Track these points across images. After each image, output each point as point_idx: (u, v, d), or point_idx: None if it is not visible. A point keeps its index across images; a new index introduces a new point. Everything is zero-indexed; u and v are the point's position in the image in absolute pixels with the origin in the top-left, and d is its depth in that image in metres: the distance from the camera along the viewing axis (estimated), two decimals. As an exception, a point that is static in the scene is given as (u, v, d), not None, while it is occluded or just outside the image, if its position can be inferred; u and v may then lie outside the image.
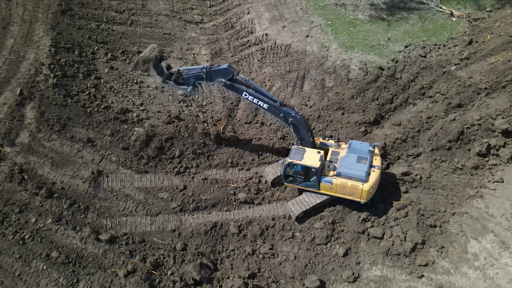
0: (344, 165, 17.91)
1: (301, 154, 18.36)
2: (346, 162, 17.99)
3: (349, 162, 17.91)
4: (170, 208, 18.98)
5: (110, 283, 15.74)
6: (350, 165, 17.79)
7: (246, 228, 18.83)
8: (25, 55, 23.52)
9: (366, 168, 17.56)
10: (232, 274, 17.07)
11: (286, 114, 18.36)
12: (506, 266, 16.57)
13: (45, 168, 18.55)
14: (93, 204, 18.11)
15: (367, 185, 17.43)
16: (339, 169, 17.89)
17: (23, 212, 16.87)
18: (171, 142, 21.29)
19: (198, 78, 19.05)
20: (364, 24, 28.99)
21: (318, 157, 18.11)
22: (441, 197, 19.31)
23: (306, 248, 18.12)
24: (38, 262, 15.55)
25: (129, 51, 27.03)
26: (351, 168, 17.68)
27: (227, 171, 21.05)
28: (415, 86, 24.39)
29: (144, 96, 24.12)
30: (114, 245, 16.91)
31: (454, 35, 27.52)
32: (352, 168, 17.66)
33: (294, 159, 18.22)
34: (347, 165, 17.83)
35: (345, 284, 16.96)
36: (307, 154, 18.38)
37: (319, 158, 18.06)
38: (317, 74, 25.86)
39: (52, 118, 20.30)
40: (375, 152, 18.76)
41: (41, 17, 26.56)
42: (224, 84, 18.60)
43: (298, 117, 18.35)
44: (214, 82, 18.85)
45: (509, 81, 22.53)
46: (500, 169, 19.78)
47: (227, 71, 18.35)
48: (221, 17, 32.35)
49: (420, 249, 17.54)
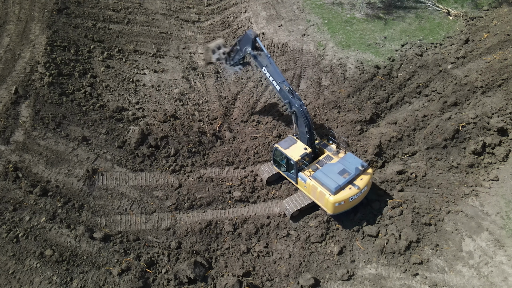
0: (325, 171, 17.91)
1: (289, 144, 18.92)
2: (328, 169, 17.98)
3: (331, 170, 17.84)
4: (165, 206, 18.97)
5: (104, 281, 15.73)
6: (329, 173, 17.69)
7: (241, 226, 18.81)
8: (21, 53, 23.49)
9: (341, 182, 17.29)
10: (226, 272, 17.05)
11: (291, 102, 18.84)
12: (500, 264, 16.57)
13: (40, 166, 18.54)
14: (88, 203, 18.10)
15: (333, 198, 17.15)
16: (316, 172, 17.95)
17: (17, 210, 16.86)
18: (167, 141, 21.27)
19: (236, 53, 21.52)
20: (361, 23, 28.98)
21: (300, 152, 18.34)
22: (436, 195, 19.31)
23: (301, 247, 18.10)
24: (32, 260, 15.53)
25: (125, 50, 27.01)
26: (327, 176, 17.60)
27: (222, 170, 21.03)
28: (411, 84, 24.38)
29: (140, 94, 24.10)
30: (109, 243, 16.89)
31: (451, 34, 27.52)
32: (329, 176, 17.55)
33: (281, 146, 18.97)
34: (327, 172, 17.79)
35: (339, 282, 16.94)
36: (295, 146, 18.78)
37: (301, 154, 18.28)
38: (313, 72, 25.85)
39: (47, 116, 20.29)
40: (366, 171, 18.09)
41: (37, 16, 26.53)
42: (251, 54, 20.06)
43: (301, 109, 18.47)
44: (244, 53, 20.58)
45: (505, 79, 22.54)
46: (495, 168, 19.77)
47: (248, 37, 19.86)
48: (218, 16, 32.32)
49: (415, 247, 17.53)
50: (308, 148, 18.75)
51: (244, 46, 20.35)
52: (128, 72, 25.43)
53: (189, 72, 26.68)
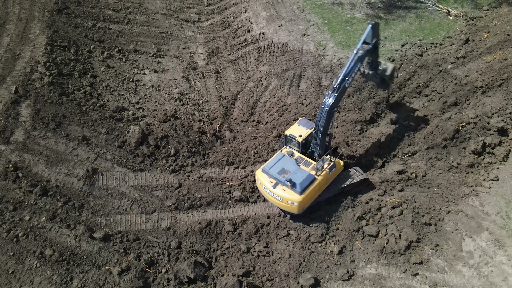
0: (274, 164, 18.48)
1: (306, 124, 19.11)
2: (288, 163, 18.47)
3: (288, 164, 18.41)
4: (165, 206, 18.96)
5: (104, 281, 15.71)
6: (274, 167, 18.28)
7: (241, 226, 18.80)
8: (21, 53, 23.49)
9: (275, 174, 18.02)
10: (226, 272, 17.04)
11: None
12: (500, 264, 16.56)
13: (40, 166, 18.53)
14: (88, 202, 18.09)
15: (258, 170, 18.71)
16: (268, 164, 18.63)
17: (17, 210, 16.84)
18: (167, 141, 21.27)
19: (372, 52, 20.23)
20: (361, 23, 28.97)
21: (305, 134, 18.70)
22: (436, 195, 19.30)
23: (301, 246, 18.09)
24: (32, 260, 15.51)
25: (125, 50, 27.01)
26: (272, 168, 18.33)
27: (222, 169, 21.03)
28: (412, 84, 24.37)
29: (140, 94, 24.11)
30: (109, 243, 16.88)
31: (451, 34, 27.51)
32: (280, 166, 18.34)
33: (302, 124, 19.14)
34: (274, 165, 18.39)
35: (339, 282, 16.93)
36: (302, 130, 18.88)
37: (304, 135, 18.66)
38: (313, 72, 25.85)
39: (47, 116, 20.28)
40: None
41: (38, 16, 26.53)
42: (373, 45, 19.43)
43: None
44: (372, 45, 19.51)
45: (505, 79, 22.52)
46: (495, 168, 19.76)
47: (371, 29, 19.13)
48: (218, 16, 32.33)
49: (415, 247, 17.52)
50: (302, 136, 18.66)
51: (374, 39, 19.46)
52: (128, 72, 25.43)
53: (189, 72, 26.69)
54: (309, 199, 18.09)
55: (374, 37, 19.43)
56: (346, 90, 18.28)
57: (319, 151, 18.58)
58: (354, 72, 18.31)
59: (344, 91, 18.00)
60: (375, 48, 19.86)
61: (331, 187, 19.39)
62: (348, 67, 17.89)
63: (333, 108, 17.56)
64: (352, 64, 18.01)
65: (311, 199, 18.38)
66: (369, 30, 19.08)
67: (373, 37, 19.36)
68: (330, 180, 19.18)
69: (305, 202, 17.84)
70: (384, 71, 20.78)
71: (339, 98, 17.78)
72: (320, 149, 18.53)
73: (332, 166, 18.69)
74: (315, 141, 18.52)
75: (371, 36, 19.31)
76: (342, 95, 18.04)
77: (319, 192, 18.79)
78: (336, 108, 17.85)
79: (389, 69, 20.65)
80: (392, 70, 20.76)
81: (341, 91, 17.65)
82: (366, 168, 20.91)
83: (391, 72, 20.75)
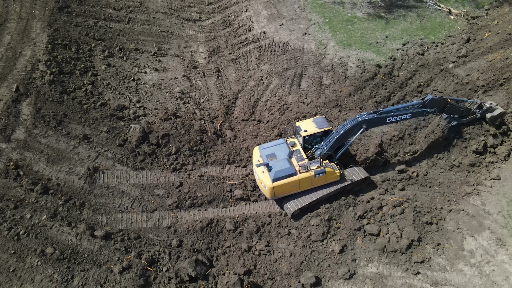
0: (267, 148, 19.20)
1: (320, 123, 19.21)
2: (281, 150, 19.03)
3: (281, 151, 18.93)
4: (166, 204, 18.94)
5: (105, 279, 15.70)
6: (278, 150, 18.98)
7: (242, 225, 18.78)
8: (22, 51, 23.46)
9: (264, 155, 18.87)
10: (227, 270, 17.02)
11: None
12: (502, 263, 16.54)
13: (41, 164, 18.51)
14: (89, 201, 18.07)
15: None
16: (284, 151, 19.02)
17: (18, 208, 16.83)
18: (168, 139, 21.25)
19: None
20: (362, 22, 28.95)
21: (312, 131, 18.92)
22: (437, 194, 19.28)
23: (302, 245, 18.07)
24: (33, 258, 15.51)
25: (126, 48, 26.99)
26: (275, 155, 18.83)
27: (223, 168, 21.01)
28: (413, 83, 24.35)
29: (141, 93, 24.08)
30: (110, 241, 16.87)
31: (452, 33, 27.49)
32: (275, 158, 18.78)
33: (316, 121, 19.22)
34: (278, 150, 19.03)
35: (341, 281, 16.91)
36: (311, 127, 18.99)
37: (310, 132, 18.91)
38: (314, 71, 25.82)
39: (48, 114, 20.26)
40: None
41: (38, 14, 26.50)
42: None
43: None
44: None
45: (507, 78, 22.52)
46: (496, 167, 19.76)
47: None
48: (219, 15, 32.30)
49: (416, 246, 17.50)
50: (307, 132, 18.87)
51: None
52: (129, 70, 25.41)
53: (190, 70, 26.67)
54: (282, 190, 18.50)
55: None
56: (386, 123, 18.81)
57: (324, 151, 18.64)
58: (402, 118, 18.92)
59: (383, 123, 18.66)
60: (441, 110, 19.79)
61: (323, 189, 19.15)
62: (399, 113, 18.60)
63: (363, 123, 18.15)
64: (402, 114, 18.71)
65: (286, 191, 18.72)
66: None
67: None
68: (316, 184, 18.96)
69: (277, 191, 18.38)
70: (488, 111, 20.36)
71: (374, 123, 18.50)
72: (326, 150, 18.61)
73: (320, 172, 18.43)
74: (327, 141, 18.71)
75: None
76: (379, 123, 18.70)
77: (300, 189, 18.85)
78: (365, 126, 18.24)
79: (497, 112, 20.23)
80: (499, 115, 20.25)
81: (380, 120, 18.41)
82: (367, 166, 20.87)
83: (497, 116, 20.31)
